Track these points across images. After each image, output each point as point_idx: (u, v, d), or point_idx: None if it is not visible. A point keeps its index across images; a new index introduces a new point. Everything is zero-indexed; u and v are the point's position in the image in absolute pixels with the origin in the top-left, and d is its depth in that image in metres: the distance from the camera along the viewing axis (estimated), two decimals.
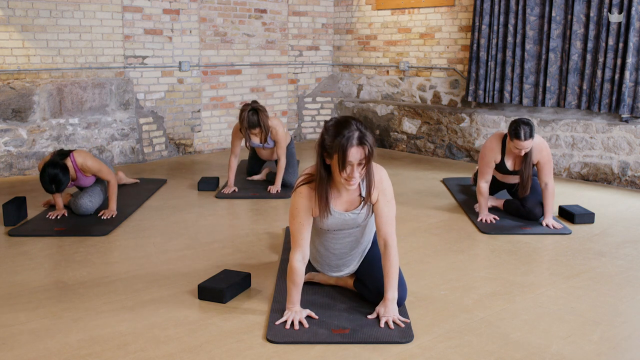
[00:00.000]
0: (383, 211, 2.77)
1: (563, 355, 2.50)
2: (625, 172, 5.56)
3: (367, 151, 2.55)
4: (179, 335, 2.64)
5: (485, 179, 4.40)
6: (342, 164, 2.54)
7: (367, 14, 7.82)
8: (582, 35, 5.80)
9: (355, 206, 2.78)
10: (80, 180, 4.45)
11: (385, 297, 2.76)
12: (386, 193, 2.77)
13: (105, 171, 4.43)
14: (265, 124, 5.03)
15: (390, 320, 2.70)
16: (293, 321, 2.68)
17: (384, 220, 2.77)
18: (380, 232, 2.78)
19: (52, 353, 2.48)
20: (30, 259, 3.60)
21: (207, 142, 7.25)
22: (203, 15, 6.98)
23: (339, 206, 2.77)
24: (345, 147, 2.51)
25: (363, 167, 2.59)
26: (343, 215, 2.78)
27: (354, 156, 2.53)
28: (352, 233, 2.88)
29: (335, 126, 2.58)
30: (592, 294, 3.13)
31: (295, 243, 2.74)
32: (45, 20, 5.91)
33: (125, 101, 6.46)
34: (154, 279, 3.28)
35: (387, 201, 2.77)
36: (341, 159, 2.53)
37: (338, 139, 2.53)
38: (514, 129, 4.11)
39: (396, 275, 2.75)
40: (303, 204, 2.71)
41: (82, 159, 4.37)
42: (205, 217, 4.50)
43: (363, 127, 2.57)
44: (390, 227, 2.77)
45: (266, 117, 5.05)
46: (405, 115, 7.28)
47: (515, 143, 4.13)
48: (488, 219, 4.33)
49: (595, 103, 5.74)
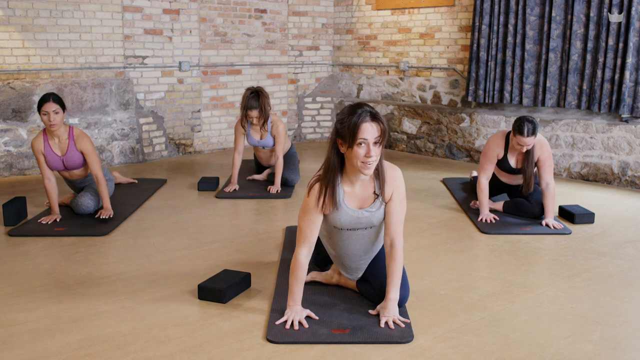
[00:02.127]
0: (394, 210, 2.74)
1: (563, 355, 2.50)
2: (625, 172, 5.56)
3: (382, 128, 2.53)
4: (179, 335, 2.64)
5: (486, 175, 4.44)
6: (355, 140, 2.50)
7: (367, 14, 7.81)
8: (582, 35, 5.80)
9: (369, 204, 2.75)
10: (70, 154, 4.32)
11: (387, 297, 2.75)
12: (400, 191, 2.75)
13: (95, 161, 4.34)
14: (265, 107, 5.02)
15: (391, 320, 2.69)
16: (293, 321, 2.68)
17: (394, 219, 2.75)
18: (388, 231, 2.76)
19: (52, 353, 2.48)
20: (30, 259, 3.60)
21: (207, 142, 7.25)
22: (203, 15, 6.98)
23: (353, 203, 2.74)
24: (358, 123, 2.49)
25: (379, 147, 2.56)
26: (356, 213, 2.74)
27: (369, 132, 2.51)
28: (366, 234, 2.84)
29: (347, 108, 2.59)
30: (592, 294, 3.13)
31: (303, 239, 2.71)
32: (45, 20, 5.91)
33: (125, 101, 6.46)
34: (154, 279, 3.28)
35: (399, 201, 2.75)
36: (355, 135, 2.50)
37: (350, 117, 2.52)
38: (518, 125, 4.16)
39: (400, 275, 2.75)
40: (315, 201, 2.69)
41: (80, 132, 4.35)
42: (206, 217, 4.50)
43: (374, 109, 2.57)
44: (399, 226, 2.76)
45: (268, 102, 5.05)
46: (405, 115, 7.28)
47: (518, 139, 4.17)
48: (488, 218, 4.34)
49: (595, 103, 5.74)
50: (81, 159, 4.39)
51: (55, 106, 4.17)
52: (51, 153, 4.31)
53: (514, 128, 4.20)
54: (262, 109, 5.02)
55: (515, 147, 4.27)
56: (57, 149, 4.32)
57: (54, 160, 4.33)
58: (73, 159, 4.36)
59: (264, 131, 5.21)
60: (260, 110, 5.03)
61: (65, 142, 4.31)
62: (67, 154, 4.33)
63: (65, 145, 4.31)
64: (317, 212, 2.70)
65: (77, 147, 4.33)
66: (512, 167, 4.45)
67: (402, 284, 2.81)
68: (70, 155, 4.34)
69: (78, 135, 4.32)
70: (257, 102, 5.01)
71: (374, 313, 2.79)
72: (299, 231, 2.74)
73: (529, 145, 4.19)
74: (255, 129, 5.24)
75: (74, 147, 4.32)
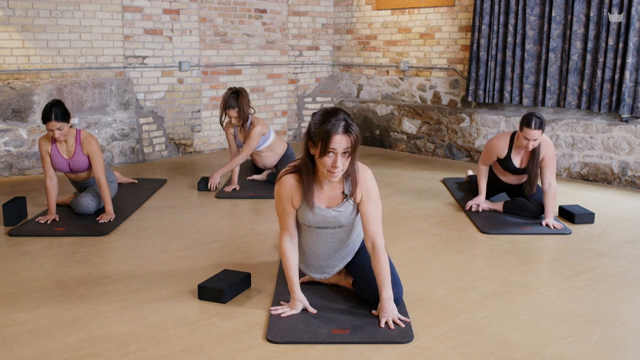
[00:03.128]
0: (369, 211, 2.75)
1: (563, 355, 2.50)
2: (625, 172, 5.56)
3: (353, 140, 2.55)
4: (179, 335, 2.64)
5: (484, 163, 4.59)
6: (325, 150, 2.52)
7: (367, 14, 7.82)
8: (582, 35, 5.80)
9: (337, 203, 2.77)
10: (76, 157, 4.33)
11: (381, 298, 2.74)
12: (371, 193, 2.76)
13: (100, 164, 4.34)
14: (243, 107, 5.06)
15: (390, 320, 2.69)
16: (285, 312, 2.80)
17: (371, 219, 2.75)
18: (367, 233, 2.77)
19: (52, 353, 2.48)
20: (30, 259, 3.60)
21: (207, 142, 7.25)
22: (203, 15, 6.98)
23: (321, 202, 2.77)
24: (330, 133, 2.51)
25: (348, 157, 2.58)
26: (324, 212, 2.76)
27: (339, 144, 2.52)
28: (335, 233, 2.86)
29: (322, 114, 2.59)
30: (592, 294, 3.13)
31: (282, 227, 2.83)
32: (45, 20, 5.91)
33: (125, 101, 6.46)
34: (154, 279, 3.28)
35: (373, 201, 2.76)
36: (325, 145, 2.52)
37: (324, 126, 2.53)
38: (526, 118, 4.21)
39: (388, 274, 2.73)
40: (284, 193, 2.74)
41: (87, 135, 4.35)
42: (205, 217, 4.50)
43: (350, 118, 2.58)
44: (376, 226, 2.76)
45: (246, 103, 5.09)
46: (405, 115, 7.28)
47: (525, 132, 4.19)
48: (473, 205, 4.54)
49: (595, 103, 5.74)
50: (87, 163, 4.40)
51: (59, 124, 4.18)
52: (58, 155, 4.32)
53: (521, 122, 4.23)
54: (241, 109, 5.04)
55: (521, 144, 4.28)
56: (64, 151, 4.34)
57: (60, 162, 4.34)
58: (79, 163, 4.38)
59: (245, 132, 5.23)
60: (238, 110, 5.05)
61: (72, 146, 4.33)
62: (74, 157, 4.36)
63: (73, 148, 4.33)
64: (288, 204, 2.76)
65: (84, 151, 4.35)
66: (516, 167, 4.45)
67: (394, 282, 2.80)
68: (76, 159, 4.36)
69: (85, 139, 4.34)
70: (236, 102, 5.04)
71: (375, 314, 2.80)
72: (278, 219, 2.85)
73: (535, 139, 4.18)
74: (242, 132, 5.26)
75: (80, 151, 4.34)
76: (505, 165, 4.48)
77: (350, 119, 2.58)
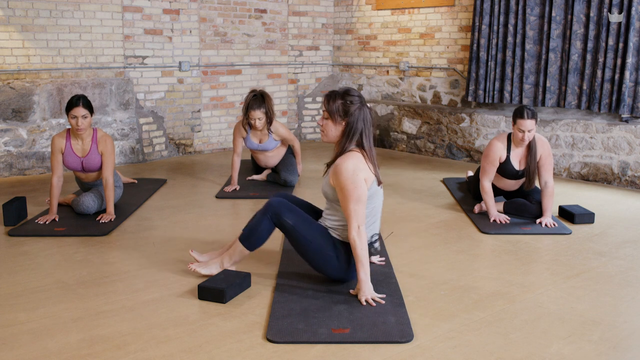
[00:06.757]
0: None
1: (563, 355, 2.50)
2: (625, 172, 5.56)
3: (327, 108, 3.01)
4: (179, 335, 2.64)
5: (489, 178, 4.43)
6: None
7: (367, 14, 7.81)
8: (582, 35, 5.80)
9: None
10: (90, 156, 4.34)
11: (358, 279, 2.94)
12: (341, 179, 2.94)
13: (110, 163, 4.35)
14: (270, 108, 5.10)
15: (370, 299, 2.90)
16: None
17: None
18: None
19: (52, 353, 2.48)
20: (30, 259, 3.60)
21: (207, 142, 7.25)
22: (203, 15, 6.98)
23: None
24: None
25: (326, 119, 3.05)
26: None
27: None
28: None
29: (359, 97, 3.04)
30: (592, 294, 3.13)
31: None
32: (45, 20, 5.91)
33: (125, 101, 6.46)
34: (154, 279, 3.28)
35: (341, 188, 2.94)
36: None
37: (355, 105, 3.04)
38: (518, 110, 4.25)
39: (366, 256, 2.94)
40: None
41: (104, 134, 4.38)
42: (205, 217, 4.50)
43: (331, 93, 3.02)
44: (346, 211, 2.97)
45: (272, 103, 5.14)
46: (405, 115, 7.28)
47: (519, 123, 4.22)
48: (500, 219, 4.32)
49: (595, 103, 5.74)
50: (100, 162, 4.41)
51: (85, 111, 4.19)
52: (71, 153, 4.33)
53: (514, 116, 4.27)
54: (268, 109, 5.08)
55: (517, 138, 4.28)
56: (78, 150, 4.34)
57: (73, 160, 4.34)
58: (93, 162, 4.38)
59: (263, 135, 5.23)
60: (265, 111, 5.08)
61: (88, 144, 4.34)
62: (88, 156, 4.36)
63: (88, 147, 4.34)
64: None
65: (99, 149, 4.36)
66: (515, 170, 4.43)
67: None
68: (90, 158, 4.37)
69: (101, 137, 4.35)
70: (263, 102, 5.05)
71: (354, 293, 2.99)
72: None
73: (530, 130, 4.21)
74: (255, 133, 5.26)
75: (95, 150, 4.36)
76: (505, 169, 4.46)
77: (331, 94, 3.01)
